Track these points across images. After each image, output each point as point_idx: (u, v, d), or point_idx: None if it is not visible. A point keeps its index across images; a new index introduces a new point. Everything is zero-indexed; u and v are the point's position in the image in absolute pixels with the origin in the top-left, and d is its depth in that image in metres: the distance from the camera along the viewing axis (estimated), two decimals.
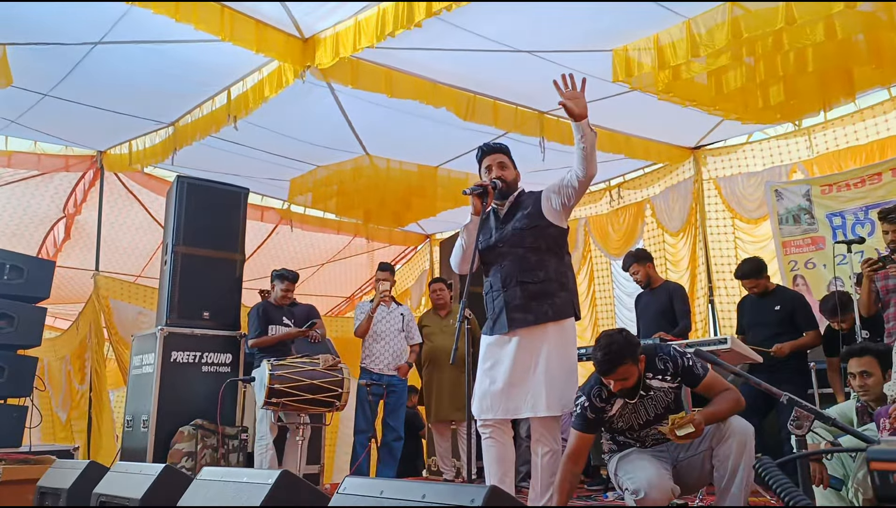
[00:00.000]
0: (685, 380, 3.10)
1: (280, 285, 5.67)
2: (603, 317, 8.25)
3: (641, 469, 3.04)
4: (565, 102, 3.15)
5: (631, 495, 3.02)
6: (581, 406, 3.12)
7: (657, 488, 2.95)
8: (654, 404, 3.10)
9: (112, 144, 7.09)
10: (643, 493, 2.95)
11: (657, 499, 2.96)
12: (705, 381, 3.08)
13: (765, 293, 5.13)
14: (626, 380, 2.99)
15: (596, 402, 3.09)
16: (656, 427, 3.11)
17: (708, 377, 3.09)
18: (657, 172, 7.71)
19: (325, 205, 7.91)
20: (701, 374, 3.08)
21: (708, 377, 3.08)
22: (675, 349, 3.14)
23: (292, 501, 2.23)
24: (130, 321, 7.22)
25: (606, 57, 5.04)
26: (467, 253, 3.41)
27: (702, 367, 3.09)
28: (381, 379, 5.89)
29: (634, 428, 3.16)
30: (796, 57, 4.32)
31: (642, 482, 2.97)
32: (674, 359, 3.09)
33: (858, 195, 5.95)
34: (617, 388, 3.01)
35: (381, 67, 5.38)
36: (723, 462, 2.98)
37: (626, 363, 2.96)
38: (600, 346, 2.99)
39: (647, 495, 2.94)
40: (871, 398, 3.47)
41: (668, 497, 3.01)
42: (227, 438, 5.39)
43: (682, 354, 3.11)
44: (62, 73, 5.50)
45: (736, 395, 3.04)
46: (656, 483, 2.96)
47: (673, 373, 3.09)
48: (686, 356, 3.11)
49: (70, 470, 3.61)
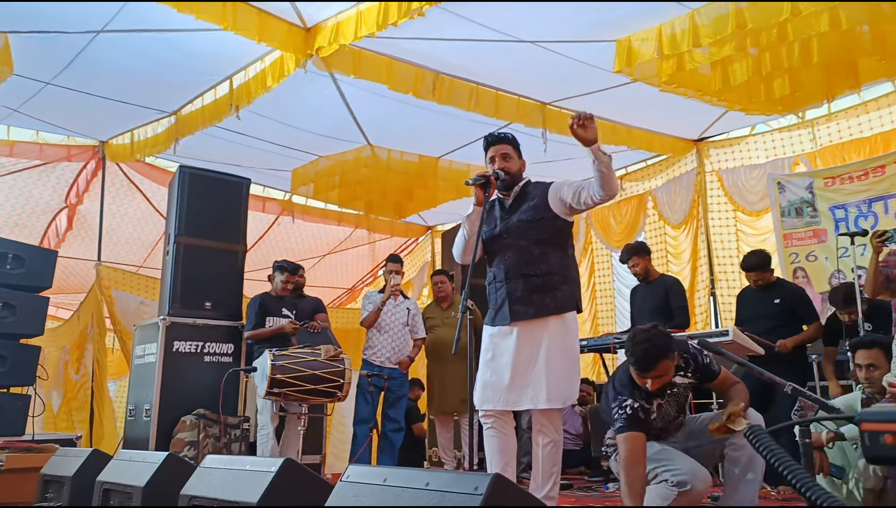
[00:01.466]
0: (703, 377, 3.13)
1: (280, 277, 5.69)
2: (603, 309, 8.25)
3: (681, 461, 3.04)
4: (576, 130, 3.13)
5: (673, 487, 2.99)
6: (630, 407, 3.05)
7: (702, 479, 2.98)
8: (675, 401, 3.12)
9: (114, 133, 7.09)
10: (689, 485, 2.95)
11: (702, 491, 2.99)
12: (721, 377, 3.13)
13: (765, 286, 5.13)
14: (664, 377, 2.97)
15: (644, 403, 3.07)
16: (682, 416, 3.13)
17: (722, 373, 3.15)
18: (659, 165, 7.70)
19: (327, 196, 7.90)
20: (717, 371, 3.13)
21: (722, 373, 3.14)
22: (693, 346, 3.16)
23: (295, 489, 2.23)
24: (132, 311, 7.23)
25: (610, 47, 5.02)
26: (469, 244, 3.40)
27: (716, 364, 3.14)
28: (382, 371, 5.90)
29: (667, 427, 3.16)
30: (801, 48, 4.30)
31: (687, 474, 2.97)
32: (694, 356, 3.12)
33: (862, 188, 5.94)
34: (655, 386, 2.97)
35: (382, 56, 5.36)
36: (740, 454, 3.01)
37: (668, 359, 2.96)
38: (639, 343, 2.96)
39: (693, 486, 2.95)
40: (877, 391, 3.48)
41: (709, 488, 3.06)
42: (229, 428, 5.40)
43: (700, 351, 3.13)
44: (64, 61, 5.49)
45: (744, 387, 3.10)
46: (701, 475, 2.98)
47: (693, 370, 3.11)
48: (703, 353, 3.14)
49: (73, 458, 3.62)
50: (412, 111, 6.12)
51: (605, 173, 3.14)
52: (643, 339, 2.96)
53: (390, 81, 5.27)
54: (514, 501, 1.62)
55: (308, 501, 2.17)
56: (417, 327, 6.22)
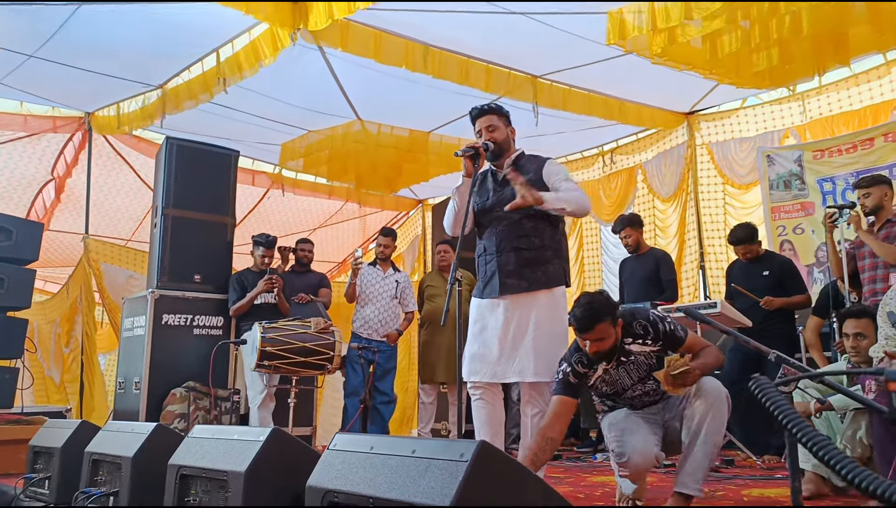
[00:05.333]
0: (667, 344, 3.07)
1: (258, 252, 5.74)
2: (591, 283, 8.28)
3: (629, 433, 3.05)
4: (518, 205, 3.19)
5: (616, 457, 3.05)
6: (563, 372, 3.08)
7: (641, 454, 2.97)
8: (636, 368, 3.09)
9: (100, 105, 7.00)
10: (626, 457, 2.98)
11: (639, 465, 2.99)
12: (687, 342, 3.06)
13: (755, 259, 5.16)
14: (603, 341, 2.95)
15: (578, 367, 3.07)
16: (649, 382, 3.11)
17: (689, 338, 3.07)
18: (650, 138, 7.68)
19: (317, 170, 7.85)
20: (682, 336, 3.06)
21: (689, 338, 3.07)
22: (655, 313, 3.11)
23: (283, 458, 2.25)
24: (121, 284, 7.21)
25: (601, 20, 4.97)
26: (459, 216, 3.40)
27: (682, 329, 3.08)
28: (371, 344, 5.92)
29: (620, 392, 3.16)
30: (792, 20, 4.27)
31: (627, 446, 3.00)
32: (654, 324, 3.06)
33: (850, 161, 5.95)
34: (593, 350, 2.96)
35: (371, 28, 5.30)
36: (688, 421, 2.98)
37: (605, 322, 2.92)
38: (580, 304, 2.96)
39: (630, 460, 2.97)
40: (862, 360, 3.52)
41: (652, 464, 3.03)
42: (219, 400, 5.43)
43: (661, 318, 3.08)
44: (47, 34, 5.40)
45: (717, 350, 3.06)
46: (640, 449, 2.98)
47: (654, 337, 3.06)
48: (666, 320, 3.09)
49: (62, 430, 3.62)
50: (402, 85, 6.06)
51: (569, 212, 3.32)
52: (585, 302, 2.96)
53: (379, 54, 5.21)
54: (501, 468, 1.63)
55: (296, 469, 2.19)
56: (408, 300, 6.22)
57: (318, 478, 1.96)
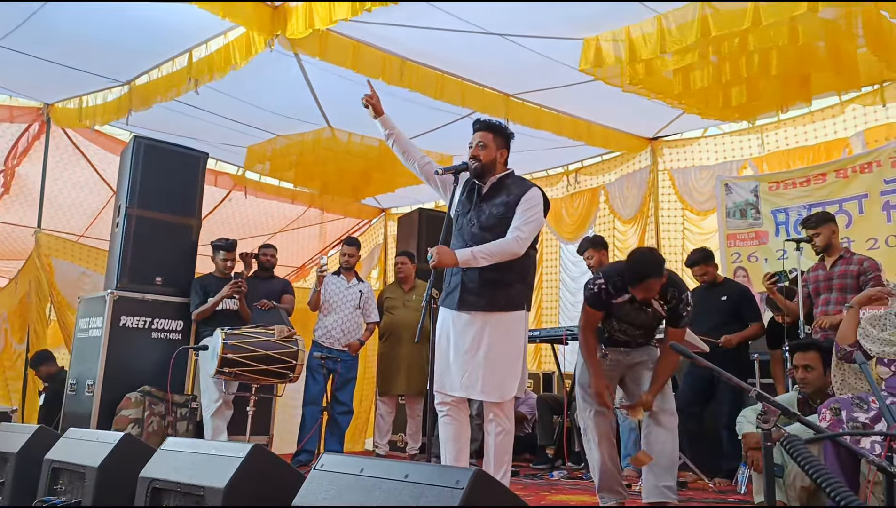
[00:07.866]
0: (670, 318, 3.65)
1: (218, 256, 5.66)
2: (548, 300, 8.38)
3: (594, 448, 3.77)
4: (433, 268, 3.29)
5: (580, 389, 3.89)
6: (599, 287, 3.67)
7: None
8: (644, 316, 3.68)
9: (61, 97, 6.81)
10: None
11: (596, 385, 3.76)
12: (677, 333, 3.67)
13: (713, 285, 5.32)
14: (650, 292, 3.51)
15: (611, 289, 3.65)
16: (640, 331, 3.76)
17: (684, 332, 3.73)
18: (614, 160, 7.84)
19: (283, 174, 7.78)
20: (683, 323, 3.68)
21: (683, 332, 3.70)
22: (688, 294, 3.64)
23: (265, 475, 2.23)
24: (73, 281, 7.00)
25: (576, 45, 5.08)
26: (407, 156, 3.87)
27: (688, 319, 3.65)
28: (333, 353, 5.88)
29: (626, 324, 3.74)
30: (760, 59, 4.45)
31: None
32: (679, 300, 3.60)
33: (803, 194, 6.18)
34: (640, 296, 3.53)
35: (349, 39, 5.30)
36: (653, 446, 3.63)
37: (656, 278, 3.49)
38: (637, 259, 3.55)
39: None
40: (810, 391, 3.66)
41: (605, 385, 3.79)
42: (175, 406, 5.32)
43: (687, 303, 3.61)
44: (13, 23, 5.24)
45: (677, 358, 3.63)
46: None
47: (670, 307, 3.61)
48: (688, 306, 3.63)
49: (17, 434, 3.50)
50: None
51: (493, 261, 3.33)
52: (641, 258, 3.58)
53: (356, 66, 5.21)
54: (495, 496, 1.66)
55: (277, 488, 2.18)
56: (370, 310, 6.20)
57: (305, 499, 1.95)
